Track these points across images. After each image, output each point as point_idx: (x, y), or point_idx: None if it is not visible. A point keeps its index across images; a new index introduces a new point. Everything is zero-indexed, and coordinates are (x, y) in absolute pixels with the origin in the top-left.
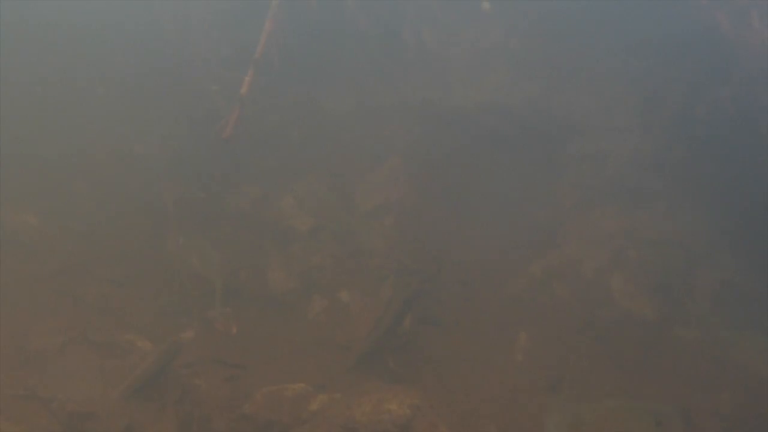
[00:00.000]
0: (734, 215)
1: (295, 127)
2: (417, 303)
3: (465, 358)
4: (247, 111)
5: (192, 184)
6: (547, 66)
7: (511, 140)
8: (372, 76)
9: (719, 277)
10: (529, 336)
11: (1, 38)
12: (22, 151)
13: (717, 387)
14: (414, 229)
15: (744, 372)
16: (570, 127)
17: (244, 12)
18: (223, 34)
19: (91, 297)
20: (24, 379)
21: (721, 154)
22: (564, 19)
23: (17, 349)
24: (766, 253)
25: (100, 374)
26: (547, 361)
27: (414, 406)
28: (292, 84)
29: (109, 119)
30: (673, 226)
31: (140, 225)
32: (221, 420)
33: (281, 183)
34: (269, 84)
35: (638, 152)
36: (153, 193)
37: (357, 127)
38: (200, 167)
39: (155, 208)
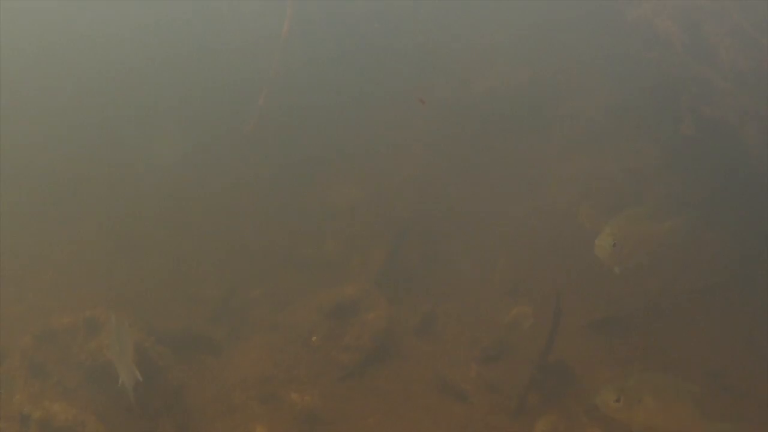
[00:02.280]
0: (679, 142)
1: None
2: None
3: (451, 279)
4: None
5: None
6: (535, 55)
7: (507, 116)
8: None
9: (664, 191)
10: (507, 260)
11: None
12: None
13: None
14: (430, 191)
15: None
16: (554, 94)
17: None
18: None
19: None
20: None
21: (666, 97)
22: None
23: None
24: (703, 170)
25: None
26: (515, 276)
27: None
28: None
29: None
30: (629, 159)
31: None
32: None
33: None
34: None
35: (605, 106)
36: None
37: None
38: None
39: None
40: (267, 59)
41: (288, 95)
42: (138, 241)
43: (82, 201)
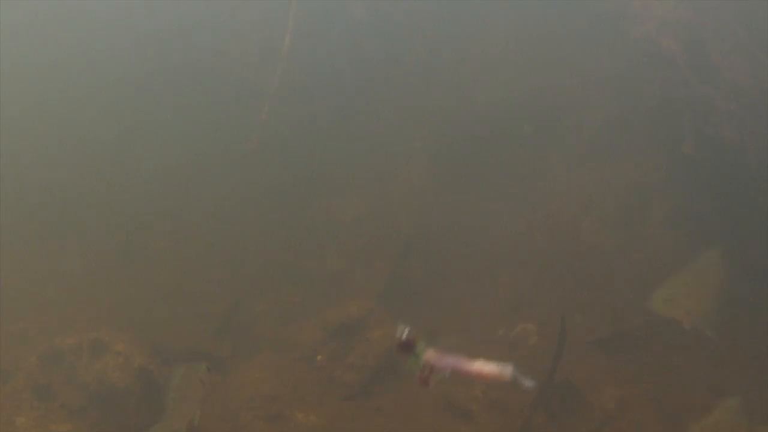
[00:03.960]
0: (681, 158)
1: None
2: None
3: (455, 295)
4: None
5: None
6: (538, 69)
7: (509, 129)
8: (389, 90)
9: (666, 206)
10: (509, 275)
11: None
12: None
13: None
14: (432, 205)
15: None
16: (557, 108)
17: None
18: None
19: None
20: None
21: (669, 113)
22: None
23: None
24: (706, 185)
25: None
26: (518, 292)
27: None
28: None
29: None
30: (632, 173)
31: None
32: None
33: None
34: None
35: (608, 121)
36: None
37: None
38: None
39: None
40: (269, 73)
41: (290, 109)
42: (140, 258)
43: (84, 218)
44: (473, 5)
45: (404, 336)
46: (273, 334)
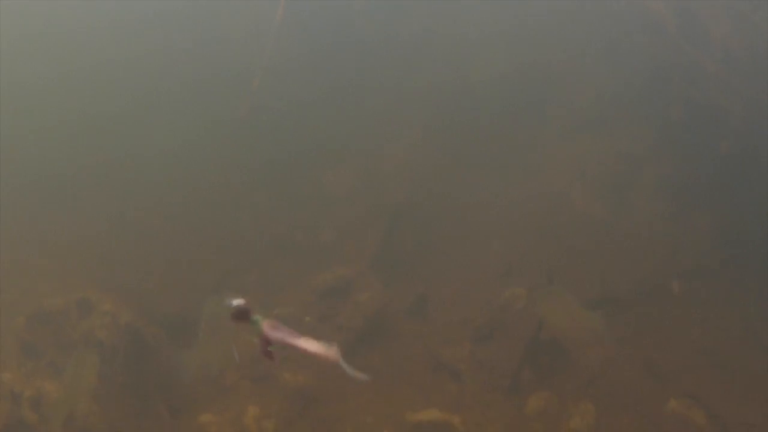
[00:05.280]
0: (671, 126)
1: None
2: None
3: (445, 262)
4: None
5: None
6: (530, 41)
7: (502, 101)
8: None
9: (659, 173)
10: (501, 243)
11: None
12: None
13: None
14: (425, 176)
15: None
16: (549, 80)
17: None
18: None
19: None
20: None
21: (658, 81)
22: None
23: None
24: (695, 153)
25: None
26: (509, 258)
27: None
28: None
29: None
30: (622, 143)
31: None
32: None
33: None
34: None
35: (599, 91)
36: None
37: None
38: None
39: None
40: (261, 46)
41: (282, 83)
42: (133, 228)
43: (77, 189)
44: None
45: (237, 306)
46: (263, 300)
